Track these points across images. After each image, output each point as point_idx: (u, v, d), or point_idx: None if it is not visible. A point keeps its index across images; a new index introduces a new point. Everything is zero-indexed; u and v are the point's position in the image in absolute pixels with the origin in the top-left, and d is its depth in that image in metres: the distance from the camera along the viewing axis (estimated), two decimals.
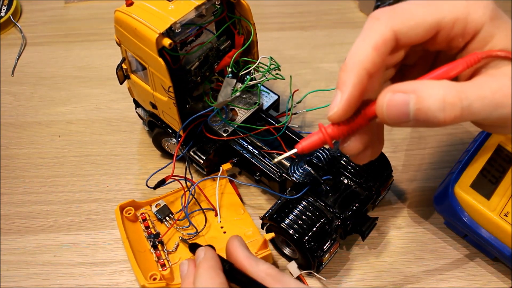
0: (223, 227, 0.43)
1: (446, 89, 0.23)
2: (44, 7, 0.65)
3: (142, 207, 0.43)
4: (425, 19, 0.25)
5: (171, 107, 0.39)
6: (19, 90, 0.56)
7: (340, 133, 0.27)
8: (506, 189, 0.40)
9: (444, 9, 0.25)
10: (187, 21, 0.37)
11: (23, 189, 0.47)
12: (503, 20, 0.25)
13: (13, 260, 0.42)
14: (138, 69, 0.41)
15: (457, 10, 0.25)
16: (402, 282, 0.41)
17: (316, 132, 0.28)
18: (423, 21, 0.25)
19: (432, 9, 0.25)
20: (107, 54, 0.59)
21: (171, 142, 0.46)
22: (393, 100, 0.24)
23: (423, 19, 0.25)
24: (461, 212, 0.40)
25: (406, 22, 0.25)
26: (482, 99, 0.23)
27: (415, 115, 0.23)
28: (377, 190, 0.41)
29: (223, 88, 0.40)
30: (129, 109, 0.52)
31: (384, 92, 0.24)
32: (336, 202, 0.40)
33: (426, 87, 0.23)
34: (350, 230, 0.40)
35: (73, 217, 0.45)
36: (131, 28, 0.36)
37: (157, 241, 0.41)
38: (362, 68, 0.25)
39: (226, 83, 0.40)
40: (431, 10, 0.25)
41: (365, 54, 0.25)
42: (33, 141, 0.51)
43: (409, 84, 0.24)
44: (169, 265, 0.40)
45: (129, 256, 0.39)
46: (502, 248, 0.39)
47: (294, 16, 0.64)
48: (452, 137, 0.51)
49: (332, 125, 0.27)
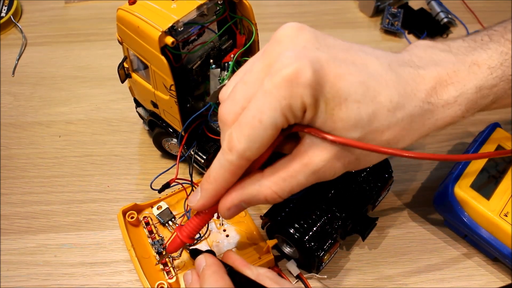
0: (226, 230, 0.43)
1: (272, 184, 0.29)
2: (45, 7, 0.65)
3: (144, 209, 0.43)
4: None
5: (173, 106, 0.39)
6: (19, 90, 0.56)
7: (194, 230, 0.34)
8: (506, 189, 0.40)
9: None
10: (189, 20, 0.37)
11: (23, 189, 0.47)
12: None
13: (13, 260, 0.42)
14: (140, 68, 0.41)
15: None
16: (402, 282, 0.41)
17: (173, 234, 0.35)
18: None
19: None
20: (108, 54, 0.59)
21: (171, 142, 0.46)
22: (232, 211, 0.31)
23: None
24: (461, 212, 0.40)
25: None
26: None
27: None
28: (377, 191, 0.41)
29: (211, 81, 0.40)
30: (129, 109, 0.52)
31: (222, 203, 0.31)
32: (336, 202, 0.40)
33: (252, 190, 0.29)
34: (350, 230, 0.40)
35: (73, 217, 0.45)
36: (133, 26, 0.36)
37: (162, 248, 0.41)
38: (222, 188, 0.30)
39: (212, 74, 0.40)
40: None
41: (223, 179, 0.29)
42: (33, 141, 0.51)
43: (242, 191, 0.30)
44: (175, 273, 0.40)
45: (135, 265, 0.39)
46: (502, 248, 0.39)
47: (294, 16, 0.64)
48: (452, 137, 0.51)
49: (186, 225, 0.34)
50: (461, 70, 0.29)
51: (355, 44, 0.28)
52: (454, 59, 0.30)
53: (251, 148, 0.27)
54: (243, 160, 0.28)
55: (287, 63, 0.25)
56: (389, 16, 0.62)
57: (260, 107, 0.26)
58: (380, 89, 0.27)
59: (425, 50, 0.30)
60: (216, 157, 0.29)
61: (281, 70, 0.25)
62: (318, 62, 0.25)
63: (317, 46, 0.27)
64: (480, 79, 0.29)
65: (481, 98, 0.30)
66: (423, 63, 0.29)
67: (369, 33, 0.62)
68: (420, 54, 0.30)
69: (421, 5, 0.65)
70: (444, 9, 0.63)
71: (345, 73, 0.26)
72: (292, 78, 0.25)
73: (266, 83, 0.26)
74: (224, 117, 0.28)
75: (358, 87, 0.26)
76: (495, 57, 0.30)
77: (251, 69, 0.28)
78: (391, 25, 0.62)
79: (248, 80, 0.27)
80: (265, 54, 0.28)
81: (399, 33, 0.62)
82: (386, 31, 0.62)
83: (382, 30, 0.62)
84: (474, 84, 0.29)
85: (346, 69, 0.26)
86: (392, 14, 0.62)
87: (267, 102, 0.25)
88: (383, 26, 0.62)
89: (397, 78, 0.27)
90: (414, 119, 0.28)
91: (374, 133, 0.27)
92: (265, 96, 0.26)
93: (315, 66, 0.25)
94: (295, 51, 0.26)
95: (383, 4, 0.63)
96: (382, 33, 0.62)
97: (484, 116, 0.51)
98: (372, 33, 0.62)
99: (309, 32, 0.27)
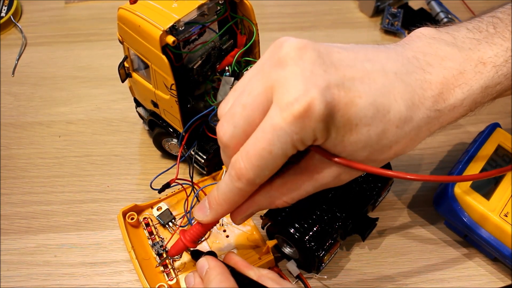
0: (226, 231, 0.43)
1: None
2: (45, 7, 0.65)
3: (144, 210, 0.43)
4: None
5: (173, 106, 0.40)
6: (19, 90, 0.56)
7: (198, 236, 0.34)
8: (506, 189, 0.40)
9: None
10: (190, 20, 0.37)
11: (23, 189, 0.47)
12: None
13: (13, 260, 0.42)
14: (140, 67, 0.41)
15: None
16: (402, 282, 0.41)
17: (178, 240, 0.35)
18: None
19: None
20: (108, 54, 0.59)
21: (171, 143, 0.46)
22: (243, 220, 0.32)
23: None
24: (461, 212, 0.40)
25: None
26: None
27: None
28: (378, 191, 0.41)
29: (222, 87, 0.40)
30: (129, 109, 0.52)
31: (234, 215, 0.32)
32: (336, 203, 0.40)
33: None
34: (350, 230, 0.40)
35: (73, 217, 0.45)
36: (134, 26, 0.36)
37: (162, 249, 0.40)
38: (232, 208, 0.31)
39: (224, 81, 0.40)
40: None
41: (233, 201, 0.30)
42: (34, 141, 0.51)
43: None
44: (175, 275, 0.40)
45: (135, 266, 0.39)
46: (502, 248, 0.39)
47: (294, 16, 0.64)
48: (452, 137, 0.51)
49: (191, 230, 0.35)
50: (468, 70, 0.28)
51: (359, 50, 0.27)
52: (460, 56, 0.29)
53: (260, 176, 0.27)
54: (253, 186, 0.28)
55: (296, 96, 0.24)
56: (389, 16, 0.62)
57: (270, 139, 0.25)
58: (389, 106, 0.26)
59: (430, 44, 0.29)
60: (224, 180, 0.29)
61: (292, 105, 0.24)
62: (328, 91, 0.24)
63: (324, 68, 0.25)
64: (485, 79, 0.29)
65: (485, 97, 0.29)
66: (428, 63, 0.28)
67: (369, 33, 0.62)
68: (424, 49, 0.29)
69: (421, 5, 0.65)
70: (444, 9, 0.63)
71: (355, 96, 0.25)
72: (304, 114, 0.24)
73: (275, 116, 0.25)
74: (224, 140, 0.27)
75: (369, 110, 0.25)
76: (501, 54, 0.29)
77: (250, 90, 0.26)
78: (391, 25, 0.62)
79: (247, 103, 0.26)
80: (265, 74, 0.26)
81: (399, 33, 0.62)
82: (386, 31, 0.62)
83: (382, 30, 0.62)
84: (480, 84, 0.29)
85: (356, 92, 0.25)
86: (392, 14, 0.62)
87: (277, 136, 0.25)
88: (383, 26, 0.62)
89: (405, 88, 0.27)
90: (421, 129, 0.28)
91: (382, 149, 0.27)
92: (275, 130, 0.25)
93: (327, 97, 0.24)
94: (303, 79, 0.24)
95: (383, 4, 0.63)
96: (382, 33, 0.62)
97: (484, 116, 0.52)
98: (372, 33, 0.63)
99: (313, 50, 0.26)
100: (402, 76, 0.27)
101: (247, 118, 0.26)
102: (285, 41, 0.26)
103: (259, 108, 0.26)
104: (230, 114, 0.27)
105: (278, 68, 0.25)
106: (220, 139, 0.28)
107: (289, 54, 0.25)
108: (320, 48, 0.26)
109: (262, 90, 0.26)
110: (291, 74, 0.25)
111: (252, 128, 0.26)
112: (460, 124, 0.52)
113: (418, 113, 0.27)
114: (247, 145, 0.26)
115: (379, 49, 0.28)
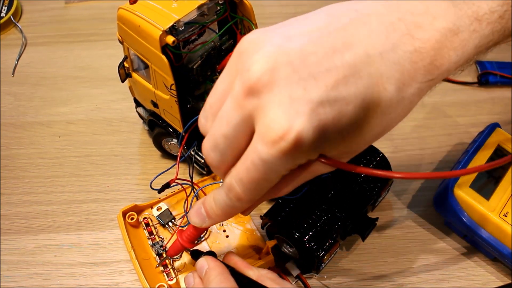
0: (226, 231, 0.43)
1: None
2: (45, 7, 0.65)
3: (143, 210, 0.43)
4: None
5: (173, 106, 0.40)
6: (19, 90, 0.56)
7: (195, 236, 0.34)
8: (505, 189, 0.40)
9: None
10: (190, 20, 0.37)
11: (23, 189, 0.47)
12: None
13: (13, 260, 0.42)
14: (140, 67, 0.41)
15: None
16: (402, 282, 0.41)
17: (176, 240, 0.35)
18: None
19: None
20: (108, 55, 0.59)
21: (171, 143, 0.46)
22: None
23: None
24: (461, 212, 0.40)
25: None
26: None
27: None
28: (377, 191, 0.41)
29: None
30: (129, 110, 0.52)
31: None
32: (336, 203, 0.40)
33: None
34: (350, 230, 0.40)
35: (73, 217, 0.45)
36: (134, 26, 0.36)
37: (162, 249, 0.41)
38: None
39: None
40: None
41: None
42: (34, 141, 0.51)
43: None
44: (175, 275, 0.40)
45: (135, 266, 0.39)
46: (502, 248, 0.39)
47: (295, 16, 0.64)
48: (452, 137, 0.51)
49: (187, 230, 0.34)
50: (463, 30, 0.25)
51: (334, 32, 0.24)
52: (454, 13, 0.25)
53: (258, 194, 0.26)
54: (251, 202, 0.27)
55: (281, 133, 0.22)
56: None
57: (261, 171, 0.24)
58: (379, 98, 0.24)
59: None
60: (222, 196, 0.28)
61: (278, 144, 0.22)
62: (313, 114, 0.22)
63: (303, 85, 0.22)
64: (480, 37, 0.26)
65: (476, 54, 0.27)
66: (417, 25, 0.24)
67: None
68: (412, 8, 0.25)
69: None
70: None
71: (342, 105, 0.23)
72: (293, 148, 0.22)
73: (263, 152, 0.23)
74: (214, 165, 0.26)
75: (358, 114, 0.23)
76: (496, 8, 0.26)
77: (228, 118, 0.24)
78: None
79: (228, 134, 0.24)
80: (239, 104, 0.23)
81: None
82: None
83: None
84: (475, 44, 0.26)
85: (342, 100, 0.23)
86: None
87: (269, 168, 0.24)
88: None
89: (393, 70, 0.24)
90: (413, 102, 0.26)
91: (374, 137, 0.26)
92: (266, 163, 0.23)
93: (313, 123, 0.22)
94: (284, 110, 0.22)
95: None
96: None
97: (484, 116, 0.52)
98: None
99: (285, 66, 0.22)
100: (388, 55, 0.24)
101: (231, 146, 0.25)
102: (249, 57, 0.23)
103: (242, 137, 0.24)
104: (213, 142, 0.26)
105: (252, 98, 0.23)
106: (210, 165, 0.27)
107: (260, 80, 0.22)
108: (291, 56, 0.23)
109: (240, 120, 0.24)
110: (269, 104, 0.22)
111: (240, 151, 0.25)
112: (460, 124, 0.52)
113: (409, 90, 0.25)
114: (240, 172, 0.25)
115: (359, 21, 0.24)
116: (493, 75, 0.56)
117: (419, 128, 0.52)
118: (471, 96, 0.55)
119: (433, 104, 0.54)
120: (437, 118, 0.53)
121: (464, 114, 0.53)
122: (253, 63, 0.23)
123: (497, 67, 0.56)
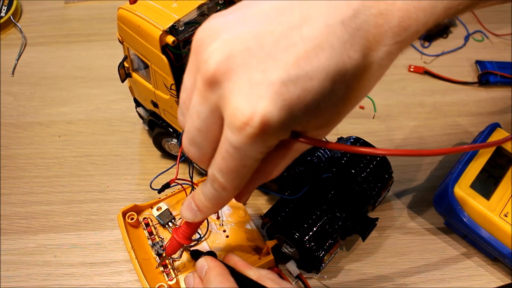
0: (226, 231, 0.43)
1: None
2: (44, 7, 0.65)
3: (143, 210, 0.43)
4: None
5: (173, 106, 0.40)
6: (19, 90, 0.56)
7: (191, 231, 0.34)
8: (506, 189, 0.40)
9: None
10: (190, 20, 0.37)
11: (23, 189, 0.47)
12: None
13: (13, 260, 0.42)
14: (140, 67, 0.41)
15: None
16: (402, 282, 0.41)
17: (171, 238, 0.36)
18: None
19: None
20: (108, 54, 0.59)
21: (171, 143, 0.46)
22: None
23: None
24: (461, 212, 0.40)
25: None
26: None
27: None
28: (377, 191, 0.41)
29: None
30: (129, 110, 0.52)
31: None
32: (336, 203, 0.40)
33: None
34: (350, 230, 0.40)
35: (73, 217, 0.45)
36: (134, 25, 0.36)
37: (162, 249, 0.40)
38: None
39: None
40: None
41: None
42: (33, 141, 0.51)
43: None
44: (175, 275, 0.40)
45: (135, 267, 0.39)
46: (502, 248, 0.39)
47: None
48: (452, 137, 0.51)
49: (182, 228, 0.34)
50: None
51: (291, 6, 0.23)
52: None
53: (242, 181, 0.26)
54: (240, 188, 0.27)
55: (245, 119, 0.22)
56: None
57: (236, 158, 0.24)
58: (344, 68, 0.23)
59: None
60: (208, 188, 0.28)
61: (245, 129, 0.22)
62: (276, 95, 0.21)
63: (261, 67, 0.22)
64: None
65: (446, 16, 0.26)
66: None
67: None
68: None
69: None
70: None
71: (306, 80, 0.22)
72: (261, 131, 0.22)
73: (233, 139, 0.23)
74: (196, 160, 0.27)
75: (325, 88, 0.22)
76: None
77: (197, 112, 0.24)
78: None
79: (201, 127, 0.25)
80: (203, 96, 0.24)
81: None
82: None
83: None
84: (444, 5, 0.25)
85: (305, 76, 0.22)
86: None
87: (243, 153, 0.24)
88: None
89: (356, 36, 0.23)
90: (383, 66, 0.25)
91: (347, 107, 0.25)
92: (239, 150, 0.23)
93: (277, 103, 0.21)
94: (244, 96, 0.22)
95: None
96: None
97: (484, 116, 0.52)
98: None
99: (241, 52, 0.22)
100: (350, 21, 0.23)
101: (206, 138, 0.25)
102: (206, 48, 0.23)
103: (215, 128, 0.24)
104: (190, 137, 0.26)
105: (214, 89, 0.23)
106: (192, 159, 0.27)
107: (218, 70, 0.22)
108: (247, 40, 0.22)
109: (209, 112, 0.24)
110: (230, 93, 0.22)
111: (217, 142, 0.25)
112: (460, 124, 0.52)
113: (377, 54, 0.24)
114: (218, 162, 0.25)
115: None
116: (493, 75, 0.56)
117: (419, 128, 0.52)
118: (471, 96, 0.55)
119: (433, 104, 0.54)
120: (437, 118, 0.53)
121: (464, 114, 0.53)
122: (209, 54, 0.22)
123: (497, 67, 0.56)
